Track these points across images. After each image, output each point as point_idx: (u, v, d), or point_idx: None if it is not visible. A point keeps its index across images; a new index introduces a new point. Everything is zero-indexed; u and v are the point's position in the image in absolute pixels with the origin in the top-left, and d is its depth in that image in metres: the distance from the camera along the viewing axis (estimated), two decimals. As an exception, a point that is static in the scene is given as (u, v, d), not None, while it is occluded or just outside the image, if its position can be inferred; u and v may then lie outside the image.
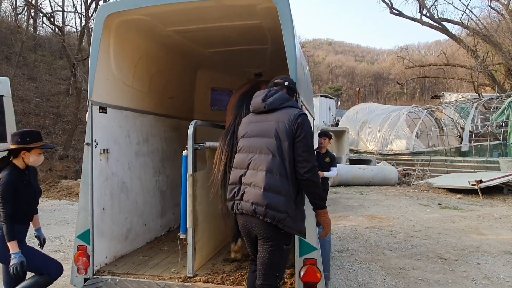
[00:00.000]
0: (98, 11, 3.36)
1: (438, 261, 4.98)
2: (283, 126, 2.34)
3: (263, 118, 2.45)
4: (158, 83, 4.47)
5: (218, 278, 3.14)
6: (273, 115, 2.41)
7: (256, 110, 2.51)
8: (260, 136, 2.36)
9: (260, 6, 3.20)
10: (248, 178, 2.34)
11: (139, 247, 4.05)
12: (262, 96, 2.47)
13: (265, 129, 2.36)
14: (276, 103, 2.45)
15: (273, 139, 2.33)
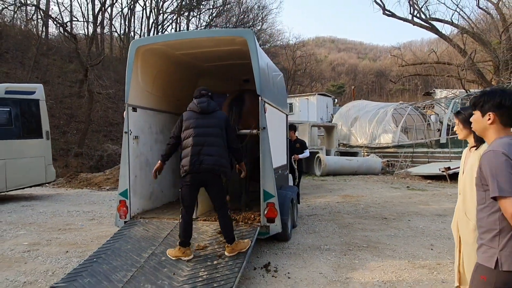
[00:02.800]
0: (131, 45, 5.03)
1: (380, 220, 6.62)
2: (220, 122, 4.07)
3: (206, 116, 4.05)
4: (170, 90, 6.14)
5: (212, 218, 4.82)
6: (212, 115, 4.06)
7: (203, 111, 4.07)
8: (208, 127, 4.00)
9: (237, 39, 4.88)
10: (206, 151, 3.94)
11: (159, 206, 5.73)
12: (206, 104, 4.06)
13: (211, 123, 4.02)
14: (212, 108, 4.12)
15: (217, 129, 4.02)
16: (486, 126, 2.02)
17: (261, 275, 4.08)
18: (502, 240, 1.86)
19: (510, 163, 1.80)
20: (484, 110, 2.01)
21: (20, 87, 9.81)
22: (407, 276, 3.99)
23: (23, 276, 4.15)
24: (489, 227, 1.93)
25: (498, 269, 1.83)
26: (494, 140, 1.98)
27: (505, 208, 1.78)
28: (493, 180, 1.83)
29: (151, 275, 3.68)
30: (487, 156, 1.90)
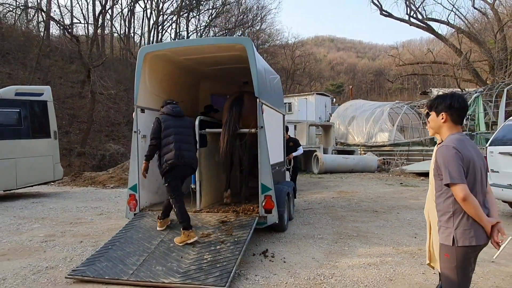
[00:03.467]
0: (139, 51, 5.48)
1: (371, 213, 7.07)
2: (191, 124, 4.90)
3: (179, 119, 4.84)
4: (174, 92, 6.56)
5: (214, 210, 5.27)
6: (184, 119, 4.91)
7: (177, 114, 4.83)
8: (183, 128, 4.76)
9: (237, 46, 5.33)
10: (185, 147, 4.65)
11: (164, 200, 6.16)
12: (178, 109, 4.92)
13: (185, 124, 4.82)
14: (182, 113, 4.92)
15: (190, 130, 4.82)
16: (440, 124, 2.39)
17: (260, 260, 4.53)
18: (455, 221, 2.24)
19: (459, 155, 2.20)
20: (438, 111, 2.39)
21: (29, 89, 10.23)
22: (390, 259, 4.44)
23: (44, 262, 4.59)
24: (445, 210, 2.29)
25: (455, 246, 2.20)
26: (448, 136, 2.36)
27: (456, 193, 2.17)
28: (446, 170, 2.19)
29: (161, 258, 4.13)
30: (440, 150, 2.28)
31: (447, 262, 2.27)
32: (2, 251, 5.11)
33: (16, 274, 4.19)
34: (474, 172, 2.23)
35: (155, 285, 3.71)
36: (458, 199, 2.18)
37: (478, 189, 2.24)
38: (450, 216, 2.26)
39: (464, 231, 2.20)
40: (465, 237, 2.19)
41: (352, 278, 3.89)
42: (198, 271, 3.82)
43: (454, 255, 2.24)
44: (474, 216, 2.18)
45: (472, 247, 2.20)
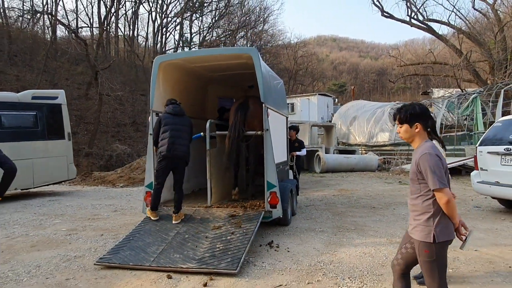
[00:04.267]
0: (155, 60, 5.97)
1: (369, 209, 7.54)
2: (189, 123, 5.44)
3: (178, 117, 5.51)
4: (185, 96, 7.05)
5: (224, 205, 5.76)
6: (183, 117, 5.43)
7: (176, 113, 5.45)
8: (180, 125, 5.36)
9: (244, 55, 5.82)
10: (178, 142, 5.29)
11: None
12: (178, 108, 5.57)
13: (183, 123, 5.41)
14: (182, 112, 5.49)
15: (186, 127, 5.38)
16: (415, 133, 2.58)
17: (266, 250, 5.01)
18: (435, 220, 2.45)
19: (441, 162, 2.43)
20: (412, 122, 2.56)
21: (44, 93, 10.76)
22: (383, 249, 4.91)
23: (72, 252, 5.10)
24: (424, 211, 2.49)
25: (435, 242, 2.45)
26: (423, 143, 2.54)
27: (441, 197, 2.38)
28: (433, 175, 2.37)
29: (178, 247, 4.63)
30: (425, 157, 2.43)
31: (427, 257, 2.50)
32: (31, 243, 5.62)
33: (48, 262, 4.70)
34: (448, 177, 2.50)
35: (174, 270, 4.20)
36: (442, 202, 2.40)
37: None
38: (430, 216, 2.47)
39: (442, 229, 2.46)
40: (444, 234, 2.46)
41: (348, 265, 4.37)
42: (211, 258, 4.31)
43: (433, 250, 2.47)
44: (452, 215, 2.45)
45: (449, 241, 2.49)
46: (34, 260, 4.78)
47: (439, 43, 31.90)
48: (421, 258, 2.55)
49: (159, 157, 5.44)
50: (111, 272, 4.31)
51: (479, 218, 6.72)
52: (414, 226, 2.57)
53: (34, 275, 4.28)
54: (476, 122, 17.19)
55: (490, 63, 23.78)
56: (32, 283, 4.07)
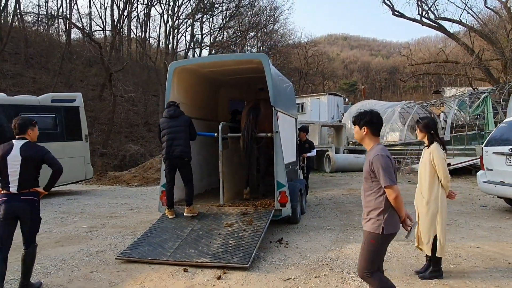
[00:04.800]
0: (170, 66, 6.29)
1: (377, 208, 7.73)
2: (185, 123, 5.74)
3: (174, 119, 5.80)
4: (198, 99, 7.36)
5: (236, 204, 6.04)
6: (178, 118, 5.81)
7: (171, 116, 5.77)
8: (176, 127, 5.67)
9: (254, 60, 6.09)
10: (175, 143, 5.64)
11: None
12: (172, 111, 5.86)
13: (178, 124, 5.79)
14: (177, 114, 5.83)
15: (182, 127, 5.64)
16: (363, 136, 2.90)
17: (276, 246, 5.28)
18: (385, 214, 2.77)
19: (391, 162, 2.76)
20: (361, 125, 2.89)
21: (63, 96, 11.19)
22: (388, 246, 5.11)
23: (93, 248, 5.43)
24: (376, 206, 2.80)
25: (383, 234, 2.77)
26: (374, 146, 2.86)
27: (391, 193, 2.70)
28: (385, 174, 2.68)
29: (193, 243, 4.92)
30: (377, 158, 2.74)
31: (371, 246, 2.82)
32: (55, 239, 5.98)
33: (72, 257, 5.04)
34: (396, 175, 2.83)
35: (189, 264, 4.49)
36: (391, 197, 2.71)
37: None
38: (381, 211, 2.78)
39: (390, 222, 2.77)
40: (390, 227, 2.78)
41: (354, 260, 4.59)
42: (224, 253, 4.59)
43: (379, 241, 2.80)
44: (399, 209, 2.77)
45: (393, 234, 2.82)
46: (60, 255, 5.12)
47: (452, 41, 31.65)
48: (365, 246, 2.86)
49: (163, 160, 5.87)
50: (131, 266, 4.62)
51: (484, 216, 6.86)
52: (367, 220, 2.87)
53: (60, 268, 4.62)
54: (487, 121, 17.15)
55: (502, 62, 23.54)
56: (59, 275, 4.40)
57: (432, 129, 4.12)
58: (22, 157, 3.79)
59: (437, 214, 3.97)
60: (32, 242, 3.90)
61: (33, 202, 3.86)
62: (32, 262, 3.92)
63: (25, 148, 3.83)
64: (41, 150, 3.92)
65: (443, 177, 3.95)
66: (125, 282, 4.14)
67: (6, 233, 3.76)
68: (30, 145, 3.90)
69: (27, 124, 3.99)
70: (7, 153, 3.78)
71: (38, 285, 4.04)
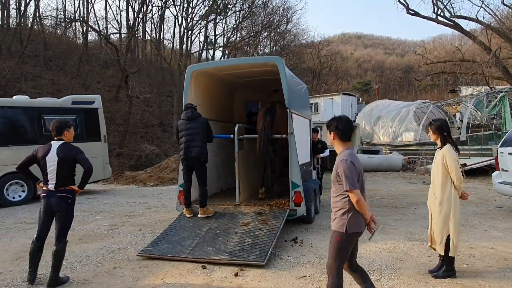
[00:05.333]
0: (187, 69, 6.49)
1: (390, 208, 7.79)
2: (201, 125, 5.94)
3: (191, 121, 5.98)
4: (214, 101, 7.53)
5: (251, 204, 6.19)
6: (196, 120, 6.00)
7: (188, 118, 5.94)
8: (193, 129, 5.84)
9: (269, 63, 6.23)
10: (193, 144, 5.87)
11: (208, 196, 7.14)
12: (190, 114, 6.05)
13: (195, 126, 5.97)
14: (195, 116, 6.02)
15: (199, 129, 5.81)
16: (332, 140, 3.12)
17: (291, 245, 5.41)
18: (348, 215, 2.95)
19: (354, 167, 2.91)
20: (330, 131, 3.10)
21: (83, 98, 11.52)
22: (402, 245, 5.21)
23: (115, 245, 5.66)
24: (341, 207, 2.99)
25: (347, 232, 2.93)
26: (342, 151, 3.04)
27: (352, 197, 2.88)
28: (346, 179, 2.86)
29: (210, 241, 5.09)
30: (341, 163, 2.93)
31: (337, 244, 3.00)
32: (78, 236, 6.24)
33: (96, 253, 5.27)
34: (361, 179, 3.00)
35: (207, 261, 4.66)
36: (353, 200, 2.88)
37: (363, 191, 3.01)
38: (345, 211, 2.97)
39: (354, 222, 2.95)
40: (354, 226, 2.95)
41: (368, 259, 4.70)
42: (241, 251, 4.75)
43: (343, 239, 2.97)
44: (362, 212, 2.93)
45: (356, 233, 3.00)
46: (84, 251, 5.36)
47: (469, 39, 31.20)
48: (332, 243, 3.06)
49: (181, 160, 6.10)
50: (152, 262, 4.82)
51: (499, 217, 6.86)
52: (333, 219, 3.07)
53: (85, 264, 4.85)
54: (504, 121, 16.91)
55: (521, 60, 23.09)
56: (85, 270, 4.63)
57: (445, 131, 4.20)
58: (58, 157, 4.14)
59: (450, 214, 4.04)
60: (63, 238, 4.19)
61: (67, 199, 4.23)
62: (62, 257, 4.18)
63: (61, 149, 4.18)
64: (75, 150, 4.24)
65: (456, 178, 4.02)
66: (147, 277, 4.33)
67: (44, 225, 4.20)
68: (65, 145, 4.24)
69: (63, 126, 4.33)
70: (46, 153, 4.15)
71: (66, 279, 4.28)
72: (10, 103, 9.95)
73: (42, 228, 4.20)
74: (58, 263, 4.13)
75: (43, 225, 4.20)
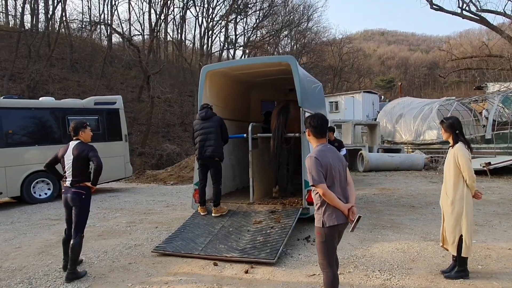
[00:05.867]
0: (202, 70, 6.61)
1: (408, 208, 7.66)
2: (216, 124, 5.95)
3: (206, 121, 6.03)
4: (230, 101, 7.62)
5: (265, 202, 6.25)
6: (210, 120, 6.04)
7: (203, 118, 5.99)
8: (208, 128, 5.86)
9: (283, 63, 6.26)
10: (208, 143, 5.93)
11: (223, 194, 7.23)
12: (204, 113, 6.09)
13: (210, 125, 6.01)
14: (210, 115, 6.05)
15: (214, 129, 5.83)
16: (308, 137, 3.24)
17: (303, 243, 5.43)
18: (322, 209, 3.04)
19: (319, 163, 2.98)
20: (306, 127, 3.22)
21: (104, 99, 11.86)
22: (416, 245, 5.13)
23: (132, 241, 5.83)
24: (316, 202, 3.11)
25: (324, 227, 3.01)
26: (316, 147, 3.16)
27: (318, 190, 2.99)
28: (310, 174, 3.00)
29: (223, 239, 5.18)
30: (307, 160, 3.07)
31: (319, 238, 3.10)
32: (98, 232, 6.46)
33: (113, 249, 5.45)
34: (332, 173, 3.02)
35: (219, 258, 4.75)
36: (321, 194, 2.98)
37: (337, 184, 3.05)
38: (319, 206, 3.06)
39: (329, 215, 3.01)
40: (330, 220, 3.00)
41: (380, 259, 4.67)
42: (252, 249, 4.81)
43: (323, 233, 3.05)
44: (333, 204, 2.98)
45: (335, 226, 3.02)
46: (102, 247, 5.55)
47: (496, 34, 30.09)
48: (316, 239, 3.17)
49: (196, 159, 6.17)
50: (165, 259, 4.95)
51: (522, 218, 6.64)
52: (315, 214, 3.16)
53: (102, 259, 5.03)
54: (533, 119, 16.27)
55: (551, 55, 22.15)
56: (102, 265, 4.80)
57: (457, 129, 4.12)
58: (73, 156, 4.41)
59: (462, 214, 3.97)
60: (79, 232, 4.40)
61: (81, 195, 4.43)
62: (78, 251, 4.38)
63: (76, 148, 4.45)
64: (87, 147, 4.49)
65: (468, 177, 3.95)
66: (160, 273, 4.46)
67: (68, 218, 4.54)
68: (80, 144, 4.50)
69: (78, 127, 4.60)
70: (65, 152, 4.46)
71: (84, 273, 4.46)
72: (36, 104, 10.37)
73: (66, 220, 4.55)
74: (74, 256, 4.33)
75: (68, 218, 4.54)
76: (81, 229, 4.44)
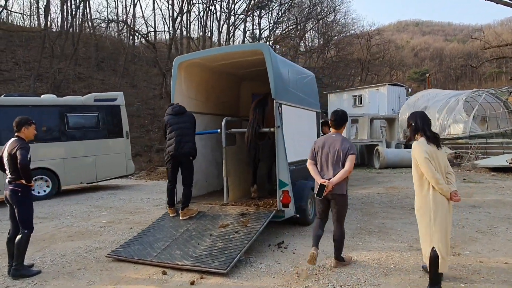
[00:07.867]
0: (174, 61, 6.17)
1: (407, 210, 6.90)
2: (190, 119, 5.55)
3: (180, 116, 5.67)
4: (214, 95, 7.17)
5: (238, 204, 5.76)
6: (184, 115, 5.67)
7: (177, 113, 5.65)
8: (183, 123, 5.47)
9: (257, 51, 5.71)
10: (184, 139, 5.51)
11: (203, 194, 6.83)
12: (177, 108, 5.75)
13: (184, 120, 5.52)
14: (183, 110, 5.69)
15: (188, 124, 5.47)
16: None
17: (272, 250, 4.91)
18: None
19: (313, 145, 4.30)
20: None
21: (105, 96, 11.75)
22: (397, 256, 4.49)
23: (96, 244, 5.54)
24: None
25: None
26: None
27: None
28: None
29: (181, 244, 4.76)
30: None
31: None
32: (70, 233, 6.23)
33: (73, 252, 5.17)
34: (320, 154, 4.14)
35: (170, 266, 4.33)
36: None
37: (324, 163, 4.11)
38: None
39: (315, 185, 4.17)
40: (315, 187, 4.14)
41: (349, 272, 4.08)
42: (208, 256, 4.36)
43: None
44: (313, 176, 4.18)
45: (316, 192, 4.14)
46: (63, 250, 5.30)
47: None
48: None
49: (167, 157, 5.68)
50: (117, 265, 4.59)
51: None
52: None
53: (55, 264, 4.75)
54: None
55: None
56: (50, 271, 4.52)
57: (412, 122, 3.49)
58: (7, 153, 4.21)
59: (430, 222, 3.32)
60: (22, 228, 4.21)
61: (17, 192, 4.20)
62: (21, 248, 4.21)
63: (10, 144, 4.23)
64: (18, 144, 4.21)
65: (429, 179, 3.30)
66: (102, 282, 4.10)
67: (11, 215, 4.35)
68: (15, 141, 4.24)
69: (22, 123, 4.37)
70: (4, 150, 4.30)
71: (35, 272, 4.32)
72: (34, 102, 10.37)
73: (10, 219, 4.39)
74: (17, 252, 4.20)
75: (10, 215, 4.36)
76: (27, 226, 4.25)
